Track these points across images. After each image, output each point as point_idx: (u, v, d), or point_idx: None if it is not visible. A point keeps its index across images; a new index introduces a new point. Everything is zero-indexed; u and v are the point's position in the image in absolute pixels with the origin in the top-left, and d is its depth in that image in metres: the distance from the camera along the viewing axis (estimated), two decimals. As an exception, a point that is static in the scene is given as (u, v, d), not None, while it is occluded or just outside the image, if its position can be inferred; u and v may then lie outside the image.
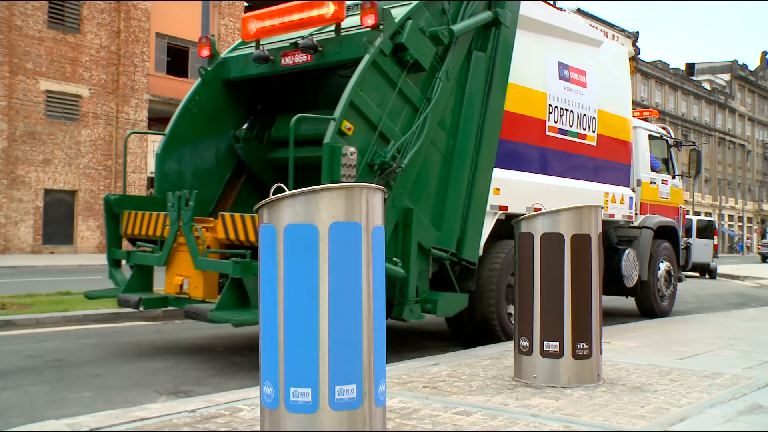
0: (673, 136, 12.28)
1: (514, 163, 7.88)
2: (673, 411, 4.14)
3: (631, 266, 9.77)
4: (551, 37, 8.59)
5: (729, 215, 75.59)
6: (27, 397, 5.11)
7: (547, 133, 8.39)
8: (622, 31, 11.05)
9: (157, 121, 31.38)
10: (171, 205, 6.67)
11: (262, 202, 3.22)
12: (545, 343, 4.82)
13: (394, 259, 6.35)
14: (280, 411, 3.11)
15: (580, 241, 4.84)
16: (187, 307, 6.31)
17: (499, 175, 7.47)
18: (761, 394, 4.64)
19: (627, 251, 9.73)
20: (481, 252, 7.24)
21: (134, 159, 29.43)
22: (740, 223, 78.15)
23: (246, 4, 34.98)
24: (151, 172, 30.30)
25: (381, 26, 6.34)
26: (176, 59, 31.91)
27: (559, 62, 8.63)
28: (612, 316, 10.29)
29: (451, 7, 7.05)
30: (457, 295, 7.01)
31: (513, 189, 7.71)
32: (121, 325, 8.94)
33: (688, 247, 12.05)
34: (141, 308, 6.89)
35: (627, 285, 9.73)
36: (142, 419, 3.83)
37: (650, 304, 10.52)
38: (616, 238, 10.07)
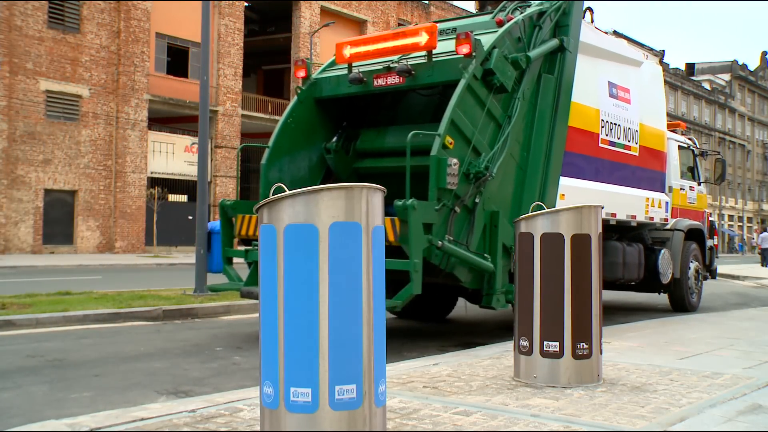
0: (698, 146, 13.38)
1: (574, 171, 8.81)
2: (673, 411, 4.14)
3: (666, 264, 10.79)
4: (602, 60, 9.56)
5: (729, 215, 75.59)
6: (27, 397, 5.11)
7: (600, 145, 9.40)
8: (650, 50, 11.89)
9: (157, 121, 31.41)
10: None
11: (262, 202, 3.22)
12: (545, 343, 4.82)
13: (485, 255, 7.30)
14: (280, 411, 3.11)
15: (580, 241, 4.84)
16: None
17: (563, 182, 8.40)
18: (761, 394, 4.64)
19: (663, 251, 10.78)
20: None
21: (134, 159, 29.45)
22: (740, 223, 78.15)
23: (246, 4, 35.00)
24: (152, 172, 30.32)
25: (473, 54, 7.26)
26: (176, 59, 31.93)
27: (609, 81, 9.62)
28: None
29: (525, 35, 8.04)
30: None
31: (575, 195, 8.54)
32: (121, 325, 8.94)
33: (712, 248, 13.01)
34: (258, 298, 7.59)
35: (663, 282, 10.81)
36: (142, 419, 3.83)
37: (682, 300, 11.55)
38: (650, 240, 11.04)
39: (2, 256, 24.23)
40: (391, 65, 7.91)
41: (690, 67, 75.08)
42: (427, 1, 44.87)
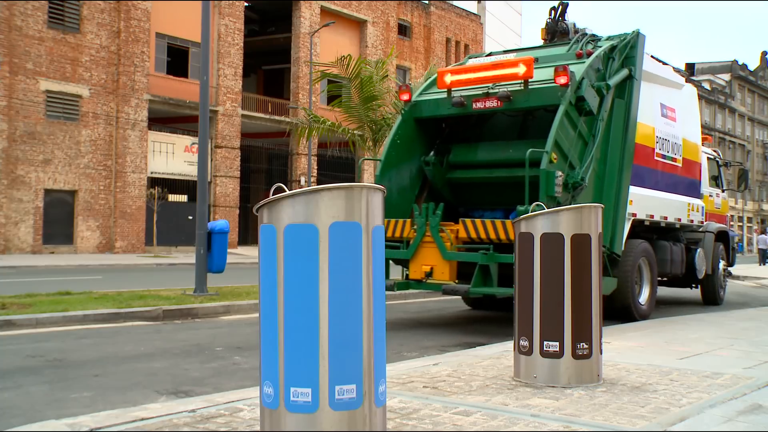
0: (722, 157, 15.00)
1: (638, 180, 10.09)
2: (673, 411, 4.14)
3: (701, 262, 12.20)
4: (656, 84, 10.92)
5: (729, 215, 75.48)
6: (27, 397, 5.12)
7: (655, 158, 10.81)
8: (678, 70, 12.74)
9: (157, 121, 31.39)
10: (419, 213, 8.91)
11: (262, 202, 3.21)
12: (545, 343, 4.82)
13: None
14: (280, 411, 3.11)
15: (580, 241, 4.84)
16: (445, 287, 8.69)
17: (631, 190, 9.70)
18: (761, 394, 4.65)
19: (698, 250, 12.19)
20: (623, 247, 9.64)
21: (134, 159, 29.44)
22: (740, 223, 78.10)
23: (246, 4, 34.99)
24: (152, 172, 30.30)
25: (569, 84, 8.56)
26: (176, 59, 31.91)
27: (660, 103, 11.03)
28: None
29: (602, 66, 9.49)
30: (611, 278, 9.27)
31: (640, 200, 10.06)
32: (121, 325, 8.94)
33: (734, 249, 14.49)
34: (395, 290, 8.94)
35: (698, 277, 12.23)
36: (142, 419, 3.83)
37: (713, 294, 13.15)
38: (686, 240, 12.27)
39: (2, 256, 24.22)
40: (489, 91, 9.16)
41: (690, 67, 75.02)
42: (427, 1, 44.86)
